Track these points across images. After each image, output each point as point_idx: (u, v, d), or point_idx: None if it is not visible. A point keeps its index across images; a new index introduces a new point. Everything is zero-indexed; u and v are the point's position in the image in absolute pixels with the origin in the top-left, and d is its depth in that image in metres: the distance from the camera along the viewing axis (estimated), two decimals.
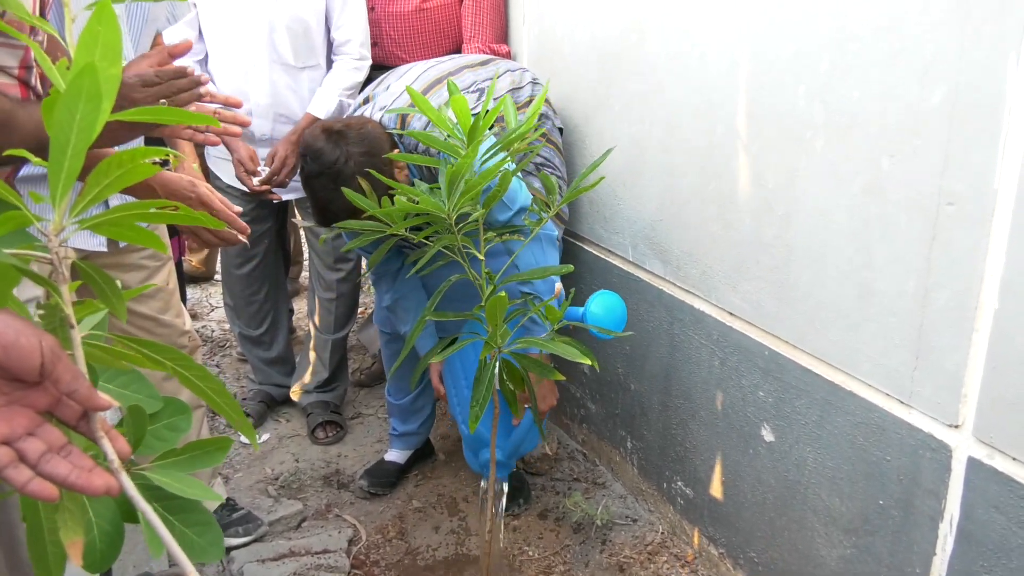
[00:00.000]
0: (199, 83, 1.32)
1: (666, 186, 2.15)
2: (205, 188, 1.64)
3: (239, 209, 1.69)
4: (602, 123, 2.38)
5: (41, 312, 0.85)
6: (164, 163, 1.74)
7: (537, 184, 2.34)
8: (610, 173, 2.35)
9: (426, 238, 1.78)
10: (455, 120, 1.70)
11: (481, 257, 1.82)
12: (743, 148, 1.86)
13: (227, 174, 2.67)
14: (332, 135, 1.97)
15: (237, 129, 1.46)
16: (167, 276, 2.04)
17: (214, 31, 2.52)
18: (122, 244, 1.87)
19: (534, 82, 2.41)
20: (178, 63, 1.40)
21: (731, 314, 1.99)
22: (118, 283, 0.84)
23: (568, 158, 2.54)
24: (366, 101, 2.25)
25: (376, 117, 2.14)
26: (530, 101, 2.34)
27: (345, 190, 1.76)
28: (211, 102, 1.42)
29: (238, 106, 1.54)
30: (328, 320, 2.90)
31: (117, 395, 0.89)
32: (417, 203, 1.66)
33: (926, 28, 1.42)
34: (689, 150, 2.04)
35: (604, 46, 2.31)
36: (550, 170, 2.37)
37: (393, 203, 1.72)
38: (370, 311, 3.63)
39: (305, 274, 4.18)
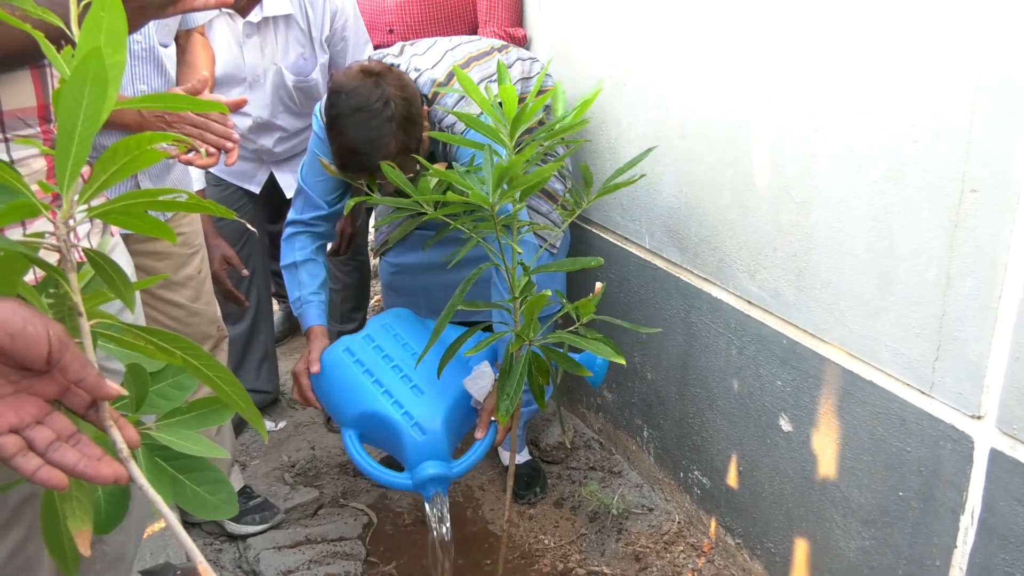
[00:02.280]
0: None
1: (683, 172, 2.12)
2: None
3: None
4: (619, 109, 2.35)
5: (50, 301, 0.84)
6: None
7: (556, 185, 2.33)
8: (627, 159, 2.33)
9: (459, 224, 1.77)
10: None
11: (519, 250, 1.81)
12: (761, 133, 1.83)
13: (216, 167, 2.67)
14: (371, 75, 1.88)
15: (230, 145, 1.51)
16: (199, 264, 2.05)
17: (220, 86, 2.51)
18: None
19: (546, 74, 2.39)
20: None
21: (749, 302, 1.96)
22: (127, 272, 0.84)
23: (584, 144, 2.52)
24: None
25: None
26: (539, 92, 2.32)
27: (384, 167, 1.71)
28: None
29: (242, 104, 1.56)
30: (336, 311, 2.88)
31: (118, 353, 0.88)
32: (466, 194, 1.63)
33: (948, 12, 1.38)
34: (706, 135, 2.01)
35: (621, 29, 2.28)
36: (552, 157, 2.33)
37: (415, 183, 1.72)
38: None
39: None
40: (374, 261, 3.09)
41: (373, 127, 1.84)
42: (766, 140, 1.82)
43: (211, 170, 2.53)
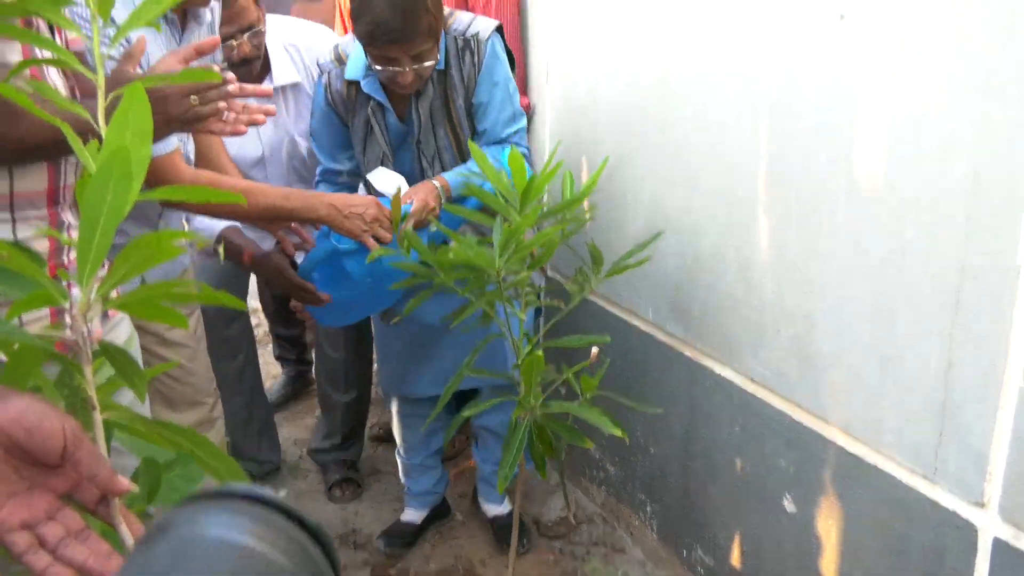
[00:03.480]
0: (226, 81, 1.36)
1: (687, 246, 2.15)
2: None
3: None
4: (624, 181, 2.39)
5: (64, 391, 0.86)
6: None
7: None
8: (630, 233, 2.36)
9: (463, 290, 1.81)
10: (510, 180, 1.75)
11: (522, 317, 1.83)
12: (764, 212, 1.86)
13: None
14: None
15: (262, 118, 1.50)
16: (195, 323, 2.06)
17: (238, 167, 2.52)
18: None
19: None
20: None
21: (752, 380, 1.97)
22: (140, 363, 0.86)
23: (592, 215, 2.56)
24: None
25: None
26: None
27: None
28: (241, 95, 1.43)
29: (268, 95, 1.60)
30: (338, 378, 2.86)
31: (133, 444, 0.89)
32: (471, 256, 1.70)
33: (947, 103, 1.42)
34: (710, 211, 2.04)
35: (628, 105, 2.33)
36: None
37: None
38: None
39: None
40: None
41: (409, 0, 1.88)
42: (769, 219, 1.85)
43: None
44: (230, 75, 1.39)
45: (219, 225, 2.22)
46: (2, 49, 1.13)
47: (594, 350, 1.80)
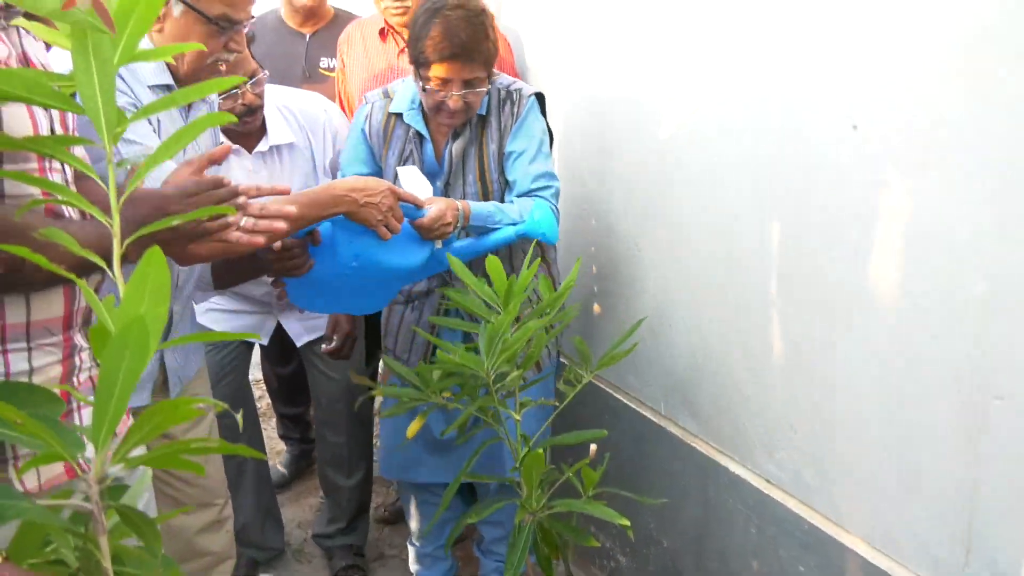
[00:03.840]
0: (237, 193, 1.33)
1: (696, 339, 2.13)
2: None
3: None
4: (632, 271, 2.38)
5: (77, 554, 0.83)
6: None
7: None
8: (636, 317, 2.35)
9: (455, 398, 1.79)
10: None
11: (517, 418, 1.81)
12: (775, 309, 1.85)
13: (219, 323, 2.61)
14: None
15: (281, 225, 1.43)
16: (208, 428, 2.04)
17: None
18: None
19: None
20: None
21: (768, 481, 1.94)
22: (153, 518, 0.83)
23: (599, 301, 2.55)
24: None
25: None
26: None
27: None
28: (257, 196, 1.41)
29: (286, 192, 1.54)
30: (342, 463, 2.82)
31: None
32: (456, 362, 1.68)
33: (960, 214, 1.41)
34: (718, 305, 2.03)
35: (633, 194, 2.33)
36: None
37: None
38: None
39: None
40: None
41: (476, 23, 2.00)
42: (780, 317, 1.83)
43: (215, 328, 2.53)
44: (242, 186, 1.38)
45: None
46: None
47: (592, 447, 1.78)
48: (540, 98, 2.22)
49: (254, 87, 2.35)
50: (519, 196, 2.16)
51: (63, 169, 1.23)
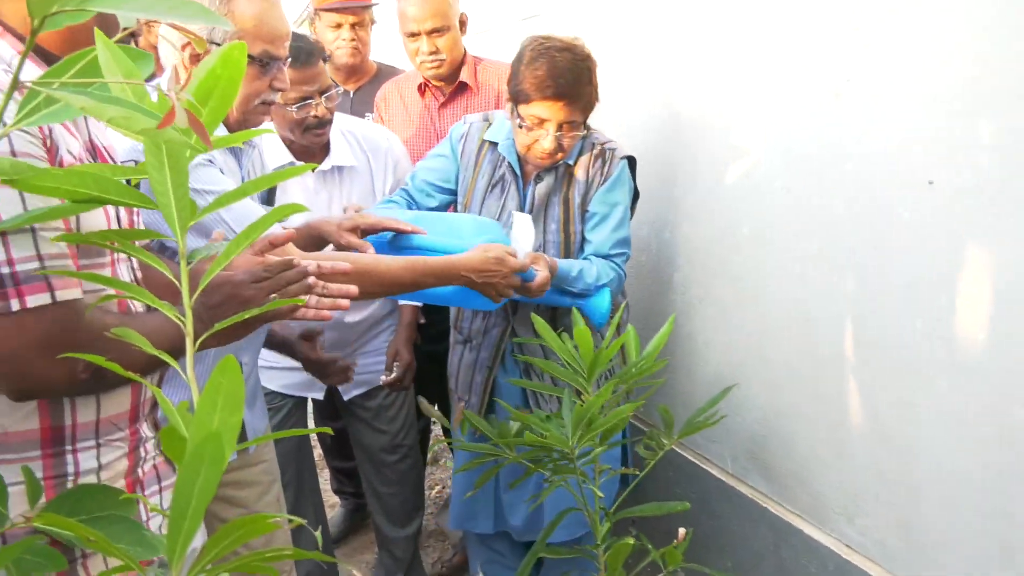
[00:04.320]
0: (306, 273, 1.29)
1: (768, 399, 2.06)
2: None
3: None
4: (695, 326, 2.32)
5: None
6: None
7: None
8: (706, 377, 2.28)
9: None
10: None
11: (599, 495, 1.76)
12: (852, 374, 1.77)
13: (272, 380, 2.60)
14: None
15: (345, 303, 1.40)
16: (278, 492, 2.02)
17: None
18: (234, 457, 1.86)
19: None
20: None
21: (848, 547, 1.85)
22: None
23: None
24: None
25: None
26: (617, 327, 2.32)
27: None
28: (319, 272, 1.36)
29: (352, 295, 1.47)
30: (395, 514, 2.77)
31: None
32: (544, 436, 1.63)
33: None
34: (790, 366, 1.96)
35: (695, 252, 2.28)
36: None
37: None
38: (448, 490, 3.53)
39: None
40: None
41: (582, 67, 2.00)
42: (858, 382, 1.76)
43: (273, 388, 2.52)
44: (312, 266, 1.35)
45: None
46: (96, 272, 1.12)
47: (681, 531, 1.70)
48: (632, 163, 2.18)
49: (328, 100, 2.36)
50: (593, 256, 2.13)
51: (129, 258, 1.22)
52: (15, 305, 0.98)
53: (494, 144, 2.21)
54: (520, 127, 2.05)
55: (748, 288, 2.07)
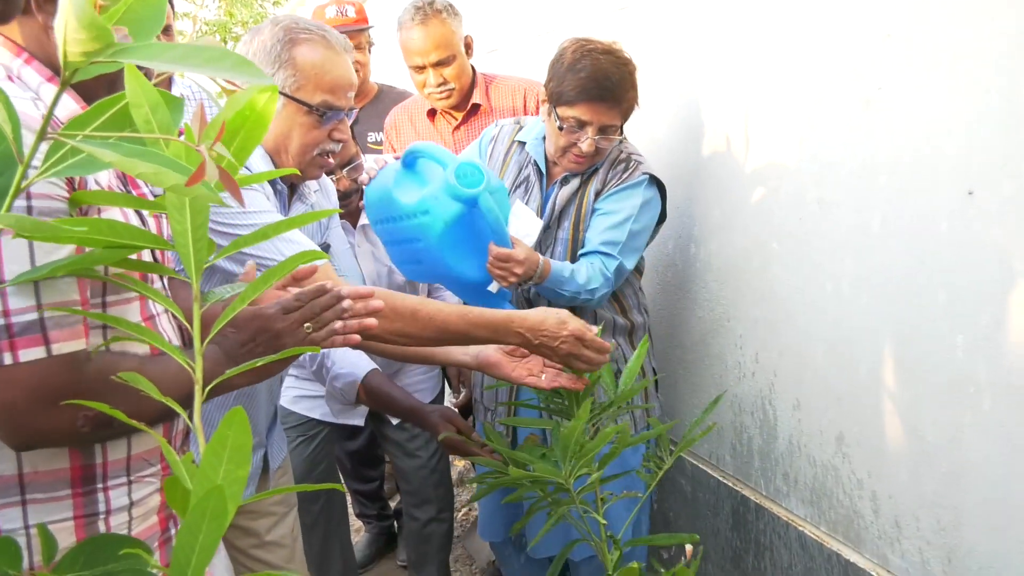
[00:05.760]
0: (341, 297, 1.23)
1: (799, 420, 1.99)
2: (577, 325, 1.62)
3: None
4: (722, 346, 2.26)
5: None
6: None
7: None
8: (733, 398, 2.22)
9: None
10: None
11: (603, 522, 1.70)
12: (892, 394, 1.70)
13: (313, 409, 2.56)
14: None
15: (372, 322, 1.31)
16: (292, 522, 1.97)
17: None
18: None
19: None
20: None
21: (888, 571, 1.77)
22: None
23: (685, 377, 2.42)
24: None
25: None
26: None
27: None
28: (351, 295, 1.31)
29: (379, 310, 1.37)
30: (430, 536, 2.72)
31: None
32: (532, 471, 1.59)
33: None
34: (824, 388, 1.89)
35: (723, 268, 2.22)
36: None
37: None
38: (474, 514, 3.48)
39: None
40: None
41: (625, 71, 1.99)
42: (896, 403, 1.68)
43: (312, 416, 2.48)
44: (346, 289, 1.30)
45: (362, 365, 2.13)
46: (123, 308, 1.09)
47: (688, 549, 1.65)
48: (659, 185, 2.11)
49: (351, 172, 2.31)
50: (584, 254, 2.09)
51: (162, 278, 1.20)
52: (7, 359, 0.94)
53: (523, 144, 2.20)
54: (560, 129, 2.01)
55: (779, 306, 2.01)
